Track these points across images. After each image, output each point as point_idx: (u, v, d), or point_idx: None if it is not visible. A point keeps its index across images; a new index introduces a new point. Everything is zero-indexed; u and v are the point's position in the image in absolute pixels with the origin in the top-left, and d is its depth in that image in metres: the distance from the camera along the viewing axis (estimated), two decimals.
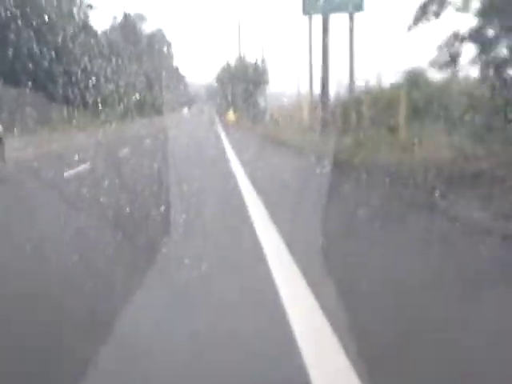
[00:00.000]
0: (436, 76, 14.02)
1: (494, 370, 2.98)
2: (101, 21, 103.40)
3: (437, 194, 6.81)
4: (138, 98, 41.37)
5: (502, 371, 2.95)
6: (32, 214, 7.19)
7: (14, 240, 6.04)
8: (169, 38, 69.54)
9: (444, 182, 7.23)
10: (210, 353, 3.23)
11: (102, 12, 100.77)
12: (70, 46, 32.25)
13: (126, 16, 67.10)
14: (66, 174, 11.97)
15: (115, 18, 66.22)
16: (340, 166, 9.83)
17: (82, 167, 13.27)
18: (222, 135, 28.74)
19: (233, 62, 53.54)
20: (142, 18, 68.68)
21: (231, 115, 47.63)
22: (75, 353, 3.16)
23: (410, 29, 12.11)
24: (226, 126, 41.12)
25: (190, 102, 66.90)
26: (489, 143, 9.05)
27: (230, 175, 11.32)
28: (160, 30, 65.14)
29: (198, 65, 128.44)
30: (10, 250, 5.70)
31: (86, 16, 38.51)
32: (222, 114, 53.62)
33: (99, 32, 50.13)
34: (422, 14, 11.86)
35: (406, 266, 4.57)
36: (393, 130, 13.32)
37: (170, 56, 66.25)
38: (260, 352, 3.22)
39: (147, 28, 66.71)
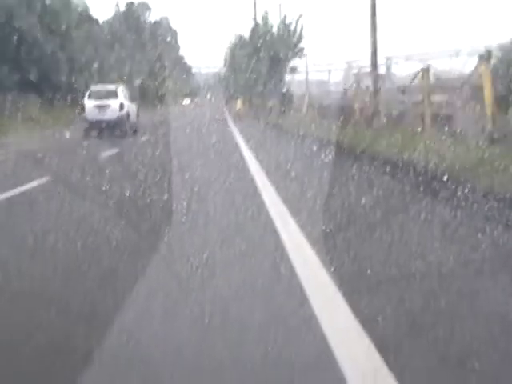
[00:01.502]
0: None
1: None
2: (104, 10, 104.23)
3: None
4: (137, 88, 40.72)
5: None
6: None
7: None
8: (175, 26, 70.14)
9: None
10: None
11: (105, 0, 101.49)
12: (72, 34, 32.98)
13: (128, 5, 68.11)
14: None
15: (117, 6, 67.14)
16: None
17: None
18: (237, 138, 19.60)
19: (247, 34, 41.06)
20: (146, 6, 69.54)
21: (239, 105, 45.64)
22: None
23: None
24: (236, 119, 34.56)
25: (194, 92, 67.49)
26: None
27: None
28: (165, 19, 65.93)
29: (206, 54, 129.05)
30: None
31: (85, 4, 39.16)
32: (230, 105, 53.25)
33: (101, 21, 50.98)
34: None
35: None
36: None
37: (175, 45, 66.88)
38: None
39: (152, 17, 67.44)
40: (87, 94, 22.87)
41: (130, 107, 22.83)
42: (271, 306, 3.79)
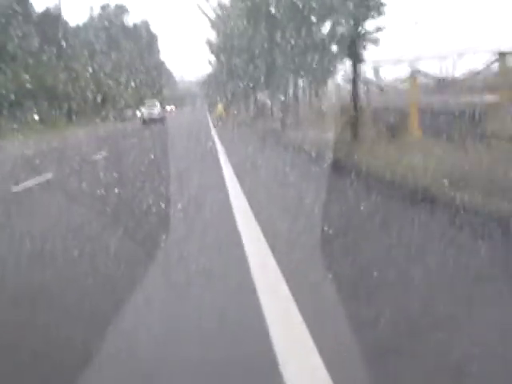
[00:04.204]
0: None
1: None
2: (78, 12, 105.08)
3: None
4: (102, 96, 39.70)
5: None
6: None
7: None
8: (157, 32, 71.69)
9: None
10: None
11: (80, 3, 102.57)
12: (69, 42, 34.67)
13: (103, 7, 69.41)
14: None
15: (92, 9, 68.37)
16: None
17: None
18: None
19: None
20: (123, 9, 70.97)
21: (220, 110, 43.98)
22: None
23: None
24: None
25: (170, 100, 68.89)
26: None
27: None
28: (145, 22, 67.35)
29: (190, 62, 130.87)
30: None
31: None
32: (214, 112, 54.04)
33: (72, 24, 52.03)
34: None
35: None
36: None
37: (155, 50, 68.45)
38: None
39: (131, 20, 68.92)
40: (144, 105, 44.34)
41: (163, 110, 46.48)
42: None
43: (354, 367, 3.07)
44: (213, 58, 44.25)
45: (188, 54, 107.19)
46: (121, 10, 70.45)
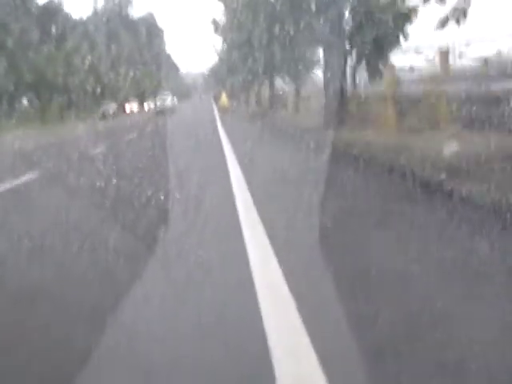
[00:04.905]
0: None
1: None
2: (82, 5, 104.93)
3: None
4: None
5: None
6: None
7: None
8: (163, 26, 71.84)
9: None
10: None
11: None
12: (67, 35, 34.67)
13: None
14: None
15: (95, 1, 68.38)
16: None
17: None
18: None
19: None
20: (127, 1, 70.97)
21: (224, 100, 43.21)
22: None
23: None
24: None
25: (176, 92, 69.00)
26: None
27: None
28: (151, 15, 67.41)
29: (196, 56, 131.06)
30: None
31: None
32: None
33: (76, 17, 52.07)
34: None
35: None
36: None
37: (160, 43, 68.52)
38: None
39: (137, 13, 69.02)
40: (158, 97, 50.84)
41: (174, 101, 51.33)
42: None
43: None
44: (218, 46, 42.90)
45: (195, 48, 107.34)
46: (125, 2, 70.64)
